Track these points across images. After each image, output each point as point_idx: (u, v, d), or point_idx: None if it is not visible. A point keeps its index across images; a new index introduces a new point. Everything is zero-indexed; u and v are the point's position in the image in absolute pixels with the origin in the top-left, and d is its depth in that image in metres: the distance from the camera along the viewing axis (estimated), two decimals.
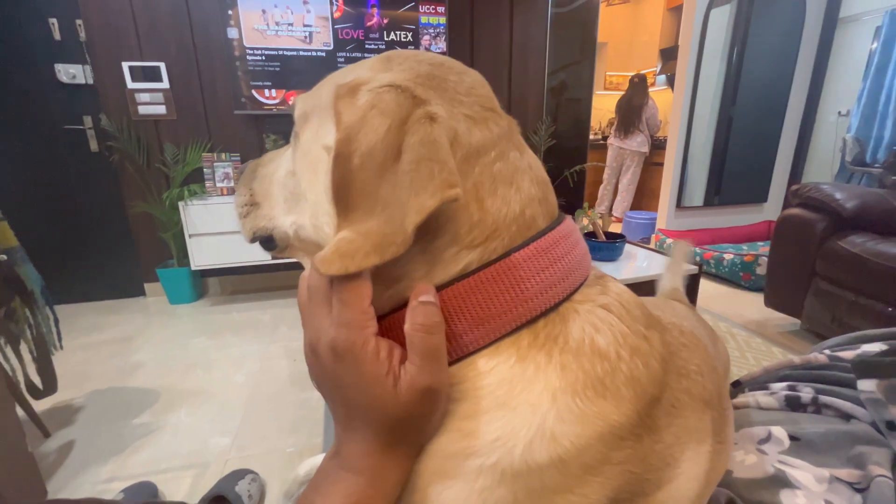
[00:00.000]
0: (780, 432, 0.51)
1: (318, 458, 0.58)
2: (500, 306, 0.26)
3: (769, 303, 1.90)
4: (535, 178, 0.29)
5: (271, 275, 2.65)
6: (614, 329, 0.28)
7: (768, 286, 1.90)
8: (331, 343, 0.24)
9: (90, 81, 2.17)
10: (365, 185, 0.24)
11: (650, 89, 4.67)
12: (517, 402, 0.25)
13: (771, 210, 3.20)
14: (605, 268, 1.45)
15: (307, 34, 2.26)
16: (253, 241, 0.39)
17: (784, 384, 0.62)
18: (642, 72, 3.86)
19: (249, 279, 2.63)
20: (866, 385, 0.54)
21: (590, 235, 1.58)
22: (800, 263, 1.71)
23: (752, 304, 2.18)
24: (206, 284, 2.58)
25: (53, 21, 2.08)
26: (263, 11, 2.18)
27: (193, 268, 2.24)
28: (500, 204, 0.27)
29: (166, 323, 2.14)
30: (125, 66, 2.19)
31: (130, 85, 2.21)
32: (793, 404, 0.58)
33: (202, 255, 2.22)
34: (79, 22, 2.10)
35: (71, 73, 2.14)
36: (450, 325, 0.26)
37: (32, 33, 2.07)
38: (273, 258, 2.29)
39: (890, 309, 1.41)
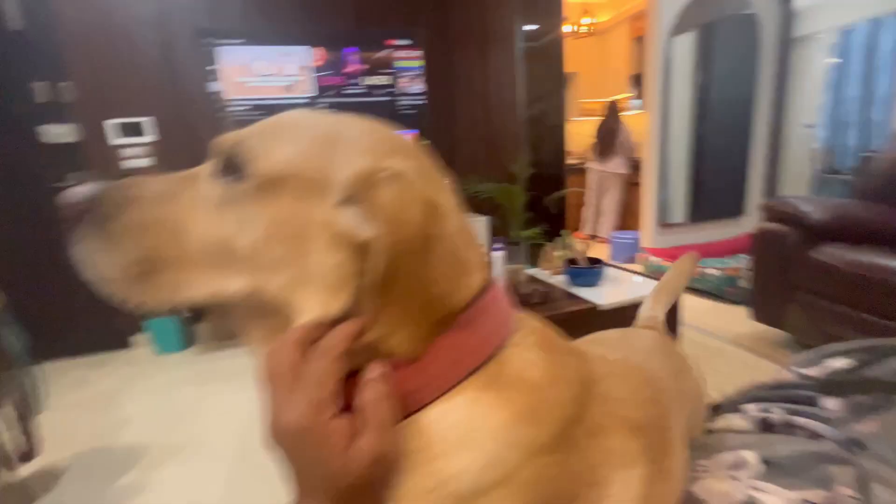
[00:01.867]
0: (751, 456, 0.52)
1: None
2: (450, 359, 0.30)
3: (755, 315, 1.92)
4: (472, 237, 0.33)
5: None
6: (542, 362, 0.32)
7: (753, 299, 1.93)
8: (295, 424, 0.26)
9: (74, 140, 2.21)
10: (404, 274, 0.27)
11: (626, 113, 4.86)
12: (473, 441, 0.29)
13: (750, 223, 3.28)
14: (587, 293, 1.48)
15: (289, 83, 2.34)
16: (178, 311, 0.33)
17: (756, 405, 0.64)
18: (615, 97, 4.03)
19: None
20: (830, 404, 0.56)
21: (571, 262, 1.61)
22: (779, 276, 1.75)
23: (738, 318, 2.20)
24: (193, 331, 2.55)
25: (36, 85, 2.13)
26: (246, 64, 2.26)
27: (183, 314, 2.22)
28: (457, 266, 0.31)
29: (153, 374, 2.10)
30: (109, 123, 2.24)
31: (115, 140, 2.26)
32: (765, 426, 0.59)
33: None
34: (63, 84, 2.16)
35: (56, 133, 2.18)
36: (412, 380, 0.29)
37: (13, 97, 2.12)
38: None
39: (865, 315, 1.44)
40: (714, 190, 3.16)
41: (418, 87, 2.55)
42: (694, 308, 2.42)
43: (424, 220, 0.27)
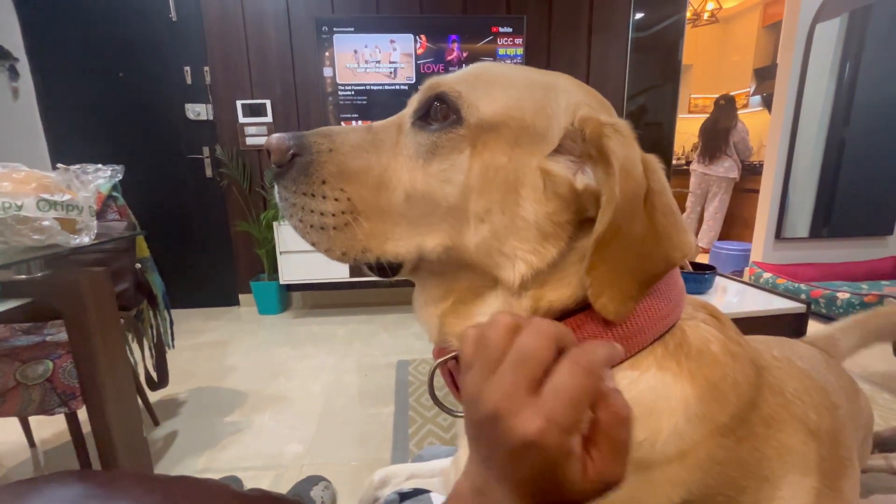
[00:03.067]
0: None
1: (393, 468, 0.59)
2: (642, 322, 0.29)
3: None
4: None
5: (348, 292, 2.81)
6: (719, 338, 0.32)
7: None
8: (532, 435, 0.21)
9: (210, 117, 2.52)
10: (628, 227, 0.26)
11: (743, 111, 4.33)
12: (661, 411, 0.28)
13: None
14: None
15: (392, 70, 2.44)
16: (367, 265, 0.31)
17: None
18: (731, 93, 3.60)
19: (328, 295, 2.81)
20: None
21: None
22: None
23: (876, 354, 1.86)
24: (290, 298, 2.80)
25: (187, 69, 2.46)
26: (355, 51, 2.40)
27: (281, 282, 2.45)
28: None
29: (255, 331, 2.34)
30: (238, 103, 2.52)
31: (241, 120, 2.54)
32: None
33: (290, 270, 2.43)
34: (206, 68, 2.47)
35: (196, 111, 2.51)
36: (607, 334, 0.28)
37: (170, 79, 2.47)
38: (352, 276, 2.43)
39: None
40: (850, 203, 2.69)
41: None
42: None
43: (644, 173, 0.27)
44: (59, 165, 1.02)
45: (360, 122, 2.46)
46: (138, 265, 1.33)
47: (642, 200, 0.26)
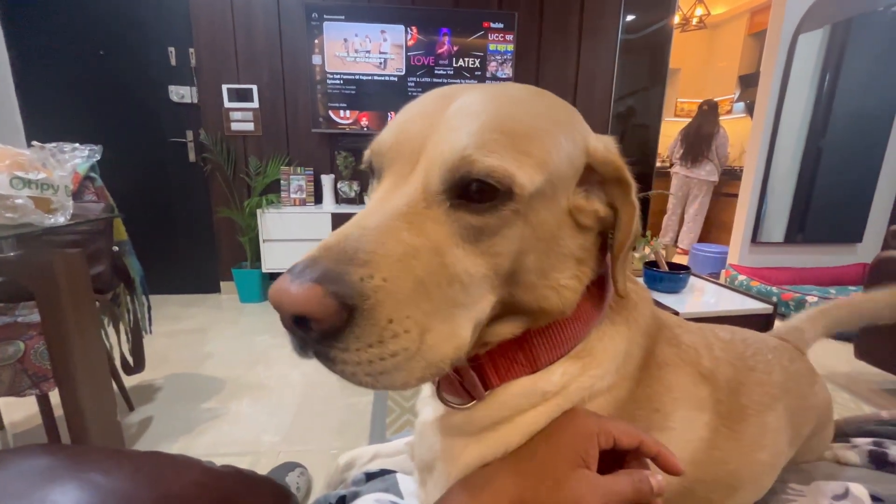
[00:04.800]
0: (859, 490, 0.47)
1: (357, 451, 0.60)
2: (609, 292, 0.37)
3: (861, 355, 1.69)
4: None
5: None
6: (634, 289, 0.38)
7: (861, 336, 1.69)
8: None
9: (195, 101, 2.47)
10: (632, 225, 0.33)
11: (726, 117, 4.42)
12: (611, 351, 0.36)
13: (867, 252, 2.87)
14: (668, 300, 1.39)
15: (382, 60, 2.42)
16: (432, 380, 0.30)
17: (869, 439, 0.57)
18: (715, 99, 3.67)
19: None
20: None
21: (651, 265, 1.51)
22: None
23: (839, 355, 1.95)
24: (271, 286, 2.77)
25: (171, 49, 2.41)
26: (345, 40, 2.38)
27: (264, 270, 2.43)
28: None
29: (236, 319, 2.32)
30: (224, 87, 2.47)
31: (227, 104, 2.49)
32: (878, 462, 0.53)
33: (273, 259, 2.41)
34: (191, 50, 2.42)
35: (180, 93, 2.45)
36: (592, 314, 0.35)
37: (154, 60, 2.41)
38: None
39: None
40: (824, 211, 2.79)
41: (507, 72, 2.52)
42: None
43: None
44: (34, 143, 0.99)
45: (348, 112, 2.46)
46: (115, 248, 1.31)
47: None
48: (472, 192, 0.26)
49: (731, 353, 0.43)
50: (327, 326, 0.23)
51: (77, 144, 1.08)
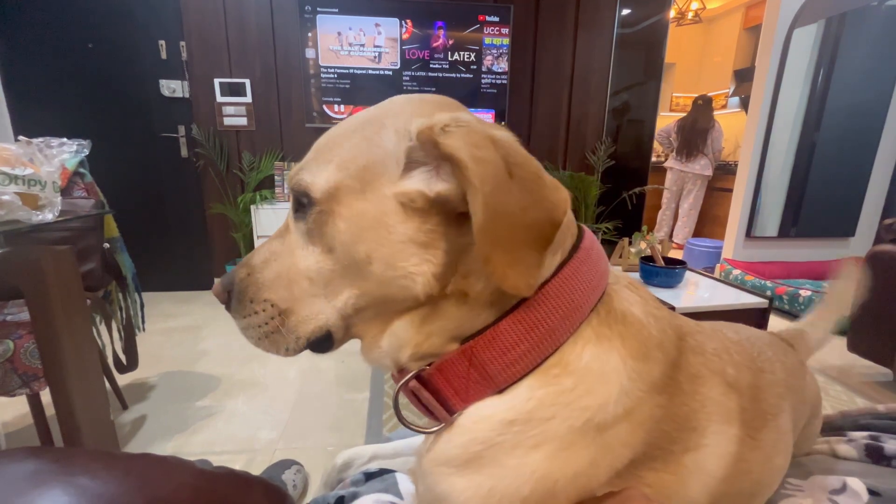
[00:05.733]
0: (857, 484, 0.47)
1: (355, 450, 0.60)
2: (581, 297, 0.31)
3: (853, 348, 1.70)
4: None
5: None
6: (639, 302, 0.35)
7: (853, 329, 1.71)
8: None
9: (186, 95, 2.44)
10: (504, 206, 0.26)
11: (721, 112, 4.42)
12: (608, 373, 0.31)
13: (860, 246, 2.89)
14: (663, 294, 1.39)
15: (377, 54, 2.40)
16: (305, 348, 0.36)
17: (865, 433, 0.57)
18: (709, 94, 3.68)
19: None
20: None
21: (647, 260, 1.52)
22: (892, 306, 1.53)
23: (831, 348, 1.96)
24: None
25: (162, 43, 2.37)
26: (339, 33, 2.35)
27: None
28: None
29: (230, 316, 2.30)
30: (216, 82, 2.44)
31: (219, 99, 2.46)
32: (875, 456, 0.53)
33: None
34: (182, 43, 2.38)
35: (172, 87, 2.42)
36: (546, 321, 0.30)
37: (144, 53, 2.37)
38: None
39: None
40: (817, 206, 2.81)
41: (502, 65, 2.50)
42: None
43: (497, 150, 0.27)
44: (20, 138, 0.97)
45: (343, 107, 2.44)
46: (106, 245, 1.28)
47: (507, 176, 0.26)
48: (299, 203, 0.33)
49: (745, 355, 0.41)
50: (222, 301, 0.37)
51: (65, 139, 1.06)
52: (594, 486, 0.30)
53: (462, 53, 2.46)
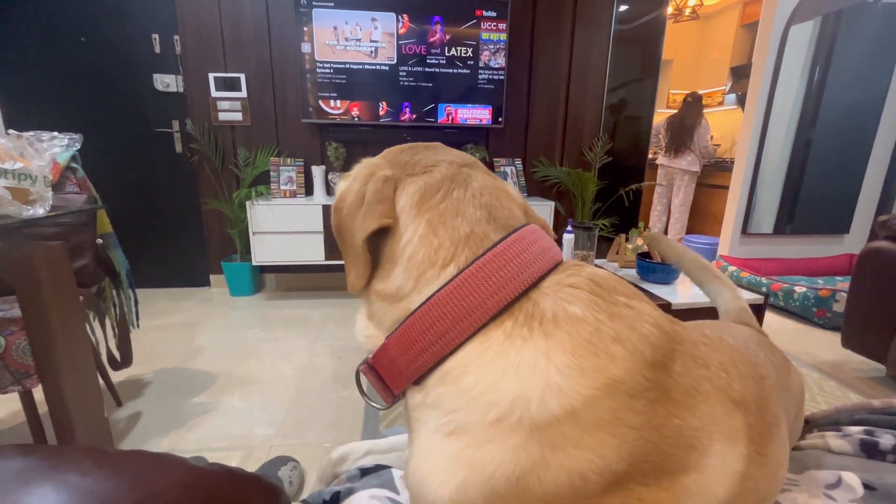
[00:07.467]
0: (852, 479, 0.47)
1: (350, 445, 0.59)
2: (473, 303, 0.31)
3: (847, 343, 1.72)
4: (478, 204, 0.36)
5: (323, 275, 2.78)
6: (585, 300, 0.32)
7: (847, 325, 1.72)
8: None
9: (181, 90, 2.41)
10: (345, 225, 0.37)
11: (718, 108, 4.43)
12: (517, 365, 0.30)
13: (854, 242, 2.91)
14: (660, 290, 1.39)
15: (373, 49, 2.38)
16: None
17: (860, 428, 0.57)
18: (706, 90, 3.68)
19: (303, 277, 2.77)
20: None
21: (644, 256, 1.52)
22: (886, 302, 1.54)
23: (826, 344, 1.98)
24: (262, 279, 2.75)
25: (155, 36, 2.34)
26: (335, 28, 2.33)
27: (254, 263, 2.40)
28: (451, 230, 0.34)
29: (226, 313, 2.29)
30: (211, 76, 2.42)
31: (214, 94, 2.44)
32: (869, 451, 0.53)
33: (263, 251, 2.38)
34: (176, 37, 2.35)
35: (165, 82, 2.39)
36: (437, 325, 0.32)
37: (137, 47, 2.34)
38: (327, 258, 2.41)
39: None
40: (813, 203, 2.82)
41: (499, 61, 2.49)
42: (775, 327, 2.21)
43: (362, 187, 0.38)
44: (10, 132, 0.96)
45: (339, 102, 2.42)
46: (100, 241, 1.27)
47: (355, 209, 0.37)
48: None
49: (749, 365, 0.39)
50: None
51: (55, 133, 1.05)
52: (561, 492, 0.28)
53: (459, 49, 2.44)
